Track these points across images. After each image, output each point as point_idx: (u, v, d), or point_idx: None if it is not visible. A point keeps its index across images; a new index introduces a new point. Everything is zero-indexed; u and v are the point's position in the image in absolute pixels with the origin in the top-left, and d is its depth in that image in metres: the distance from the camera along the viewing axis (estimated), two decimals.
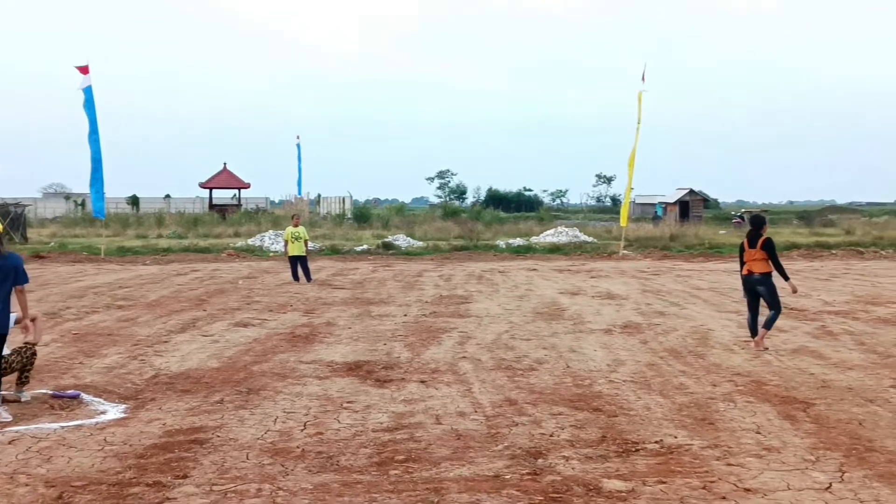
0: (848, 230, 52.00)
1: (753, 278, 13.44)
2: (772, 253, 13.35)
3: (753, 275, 13.43)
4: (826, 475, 7.14)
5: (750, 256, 13.41)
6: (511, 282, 25.32)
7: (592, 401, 9.88)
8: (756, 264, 13.38)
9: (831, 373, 11.47)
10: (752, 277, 13.46)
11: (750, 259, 13.41)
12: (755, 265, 13.39)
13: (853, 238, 45.53)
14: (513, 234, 47.78)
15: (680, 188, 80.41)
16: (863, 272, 29.36)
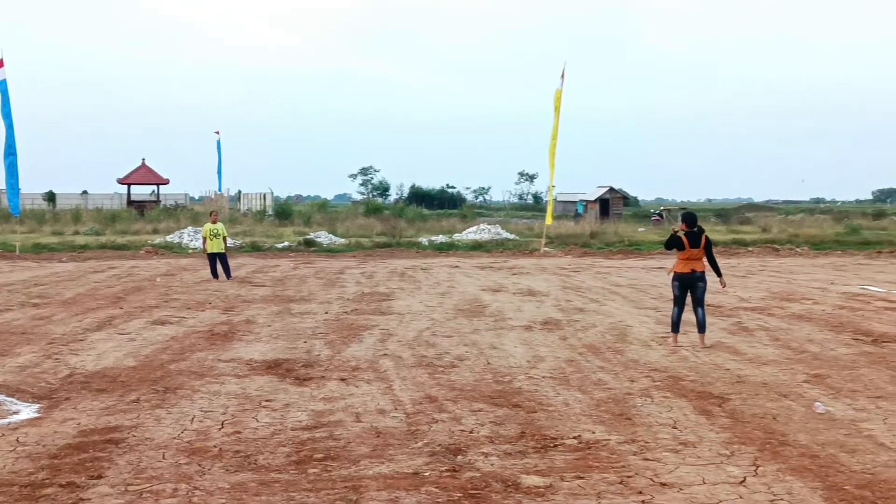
0: (764, 228, 52.95)
1: (696, 276, 13.53)
2: (711, 251, 13.61)
3: (696, 273, 13.53)
4: (740, 469, 7.26)
5: (694, 255, 13.47)
6: (433, 279, 25.35)
7: (512, 397, 9.93)
8: (699, 263, 13.51)
9: (746, 368, 11.67)
10: (695, 275, 13.53)
11: (694, 258, 13.48)
12: (698, 264, 13.52)
13: (769, 236, 46.32)
14: (435, 232, 47.81)
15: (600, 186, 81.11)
16: (778, 269, 29.92)
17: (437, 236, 44.30)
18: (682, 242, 13.46)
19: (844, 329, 15.13)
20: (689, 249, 13.43)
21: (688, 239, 13.45)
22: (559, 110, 37.31)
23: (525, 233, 48.14)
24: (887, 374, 11.20)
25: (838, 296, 20.76)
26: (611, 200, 77.51)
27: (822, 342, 13.79)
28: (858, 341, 13.86)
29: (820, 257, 36.62)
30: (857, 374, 11.28)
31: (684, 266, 13.51)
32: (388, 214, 62.13)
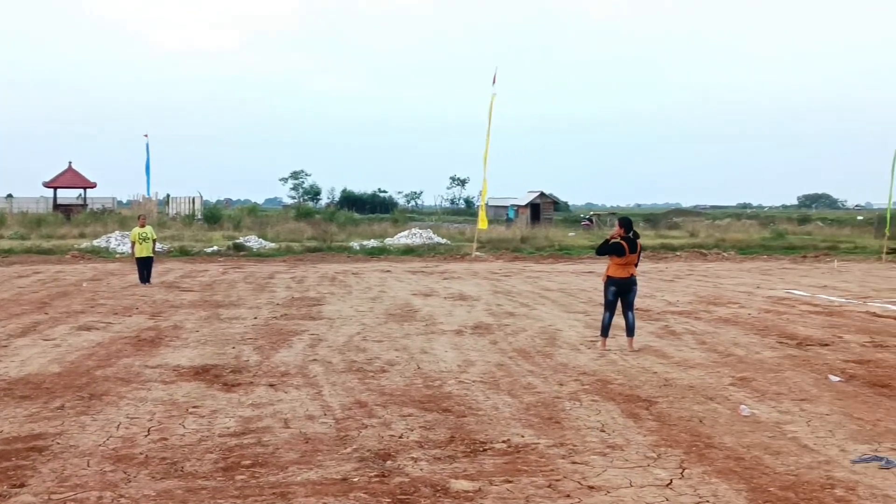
0: (692, 232, 53.74)
1: (632, 280, 13.65)
2: (639, 256, 13.74)
3: (633, 277, 13.65)
4: (667, 472, 7.33)
5: (630, 260, 13.53)
6: (364, 283, 25.28)
7: (442, 401, 9.93)
8: (633, 268, 13.62)
9: (674, 371, 11.79)
10: (631, 280, 13.63)
11: (630, 262, 13.55)
12: (633, 269, 13.64)
13: (697, 240, 47.01)
14: (367, 236, 47.70)
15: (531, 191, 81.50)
16: (705, 273, 30.33)
17: (369, 241, 44.20)
18: (622, 248, 13.46)
19: (770, 332, 15.36)
20: (629, 255, 13.46)
21: (626, 243, 13.48)
22: (492, 115, 37.47)
23: (457, 237, 48.27)
24: (811, 377, 11.39)
25: (764, 300, 21.10)
26: (541, 205, 77.94)
27: (748, 345, 13.98)
28: (783, 345, 14.08)
29: (746, 262, 37.23)
30: (781, 376, 11.45)
31: (622, 271, 13.56)
32: (319, 219, 61.85)
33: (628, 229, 13.58)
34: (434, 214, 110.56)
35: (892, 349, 13.58)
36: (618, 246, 13.47)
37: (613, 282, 13.60)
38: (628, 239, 13.49)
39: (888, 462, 7.54)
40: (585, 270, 31.47)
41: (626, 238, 13.48)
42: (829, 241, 47.33)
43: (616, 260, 13.51)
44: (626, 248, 13.43)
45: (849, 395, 10.33)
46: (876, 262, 36.77)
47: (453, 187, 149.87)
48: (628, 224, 13.73)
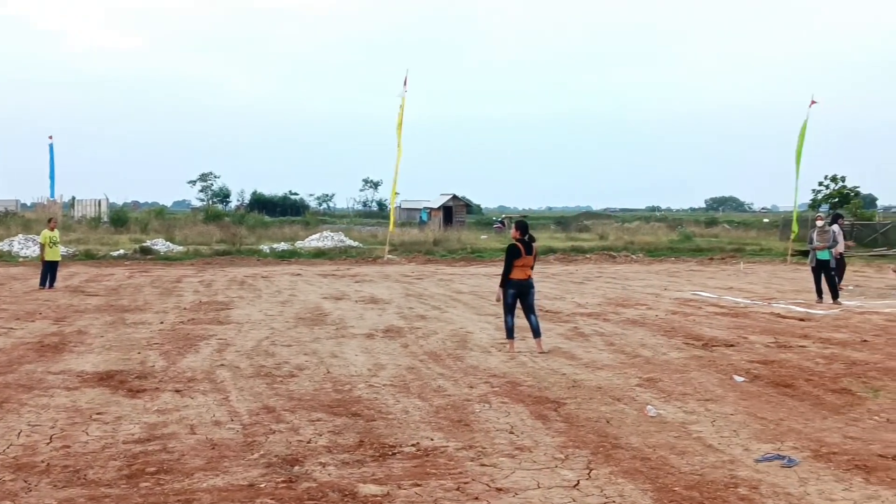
0: (602, 235, 54.31)
1: (530, 282, 13.80)
2: (535, 258, 13.87)
3: (530, 279, 13.81)
4: (574, 473, 7.37)
5: (527, 262, 13.68)
6: (274, 287, 25.08)
7: (352, 406, 9.87)
8: (530, 270, 13.78)
9: (582, 373, 11.88)
10: (529, 282, 13.78)
11: (527, 264, 13.69)
12: (530, 270, 13.79)
13: (606, 243, 47.50)
14: (277, 239, 47.34)
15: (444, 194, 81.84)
16: (614, 275, 30.69)
17: (279, 244, 43.86)
18: (518, 250, 13.58)
19: (676, 334, 15.58)
20: (525, 256, 13.61)
21: (522, 245, 13.61)
22: (402, 117, 37.41)
23: (369, 240, 48.12)
24: (716, 378, 11.57)
25: (671, 301, 21.40)
26: (454, 208, 78.32)
27: (655, 347, 14.16)
28: (689, 345, 14.28)
29: (655, 264, 37.79)
30: (687, 377, 11.61)
31: (520, 273, 13.65)
32: (228, 221, 61.13)
33: (524, 232, 13.72)
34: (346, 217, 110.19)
35: (795, 349, 13.85)
36: (514, 248, 13.60)
37: (512, 284, 13.70)
38: (524, 241, 13.63)
39: (790, 461, 7.68)
40: (497, 273, 31.52)
41: (521, 241, 13.62)
42: (736, 244, 48.18)
43: (515, 262, 13.62)
44: (522, 249, 13.58)
45: (753, 395, 10.51)
46: (781, 263, 37.55)
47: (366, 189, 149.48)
48: (524, 227, 13.88)
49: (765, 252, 43.77)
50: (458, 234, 50.43)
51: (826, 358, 13.04)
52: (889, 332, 15.83)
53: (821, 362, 12.68)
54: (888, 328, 16.34)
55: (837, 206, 56.51)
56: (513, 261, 13.60)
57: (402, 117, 37.42)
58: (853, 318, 17.89)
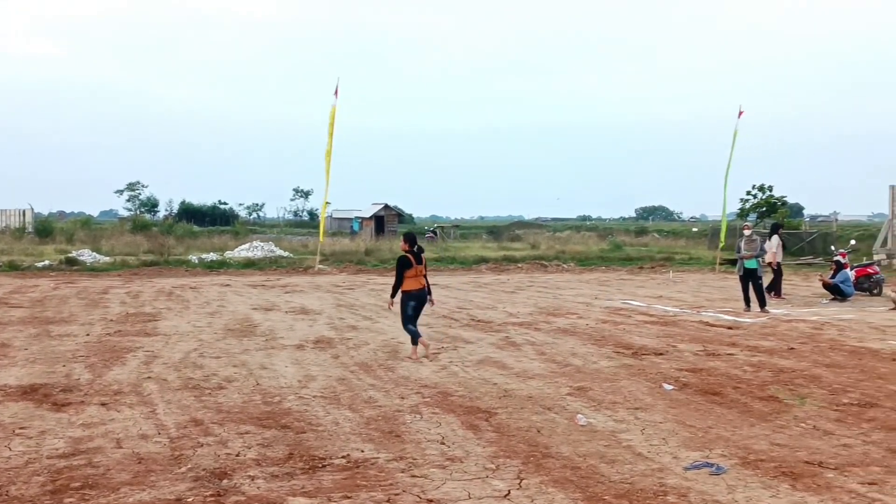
0: (533, 244, 54.55)
1: (425, 292, 14.44)
2: (425, 268, 14.62)
3: (425, 289, 14.40)
4: (505, 483, 7.35)
5: (420, 272, 14.33)
6: (203, 298, 24.80)
7: (281, 418, 9.77)
8: (423, 279, 14.39)
9: (513, 382, 11.89)
10: (424, 291, 14.41)
11: (420, 274, 14.34)
12: (423, 280, 14.40)
13: (538, 252, 47.74)
14: (206, 249, 46.81)
15: (375, 203, 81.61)
16: (546, 284, 30.84)
17: (208, 254, 43.40)
18: (410, 261, 14.21)
19: (606, 342, 15.67)
20: (416, 266, 14.25)
21: (412, 256, 14.26)
22: (333, 126, 37.21)
23: (300, 250, 47.83)
24: (645, 386, 11.65)
25: (601, 310, 21.55)
26: (386, 217, 78.16)
27: (586, 356, 14.22)
28: (619, 354, 14.37)
29: (585, 273, 38.07)
30: (617, 386, 11.68)
31: (416, 283, 14.31)
32: (156, 231, 60.40)
33: (412, 244, 14.43)
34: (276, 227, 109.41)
35: (723, 357, 14.01)
36: (405, 260, 14.20)
37: (411, 296, 14.27)
38: (413, 252, 14.30)
39: (718, 468, 7.75)
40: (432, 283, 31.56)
41: (411, 252, 14.28)
42: (665, 253, 48.72)
43: (407, 273, 14.20)
44: (412, 260, 14.20)
45: (682, 403, 10.60)
46: (710, 272, 37.99)
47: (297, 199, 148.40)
48: (412, 239, 14.63)
49: (694, 261, 44.28)
50: (389, 244, 50.29)
51: (753, 366, 13.20)
52: (815, 339, 16.08)
53: (748, 370, 12.84)
54: (814, 336, 16.59)
55: (765, 215, 57.36)
56: (404, 272, 14.21)
57: (332, 126, 37.22)
58: (780, 327, 18.15)
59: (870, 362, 13.53)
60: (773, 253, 25.41)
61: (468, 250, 49.39)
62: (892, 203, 44.57)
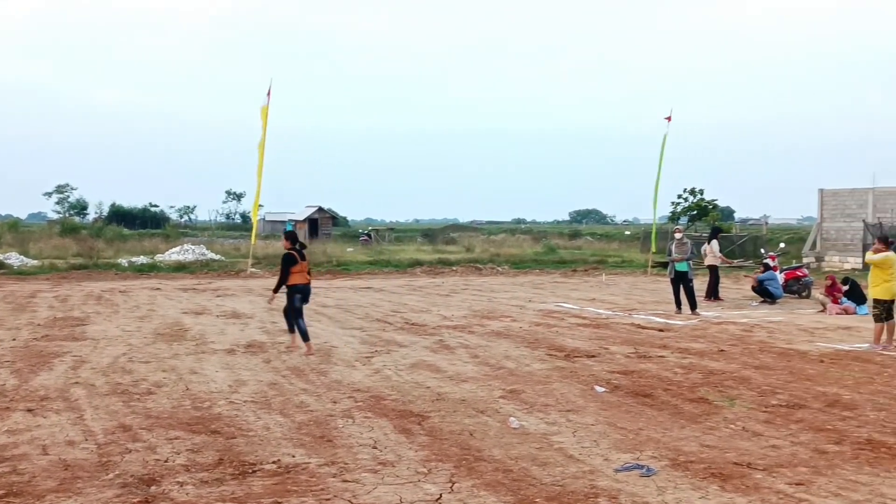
0: (468, 247, 54.60)
1: (309, 287, 15.32)
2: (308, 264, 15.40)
3: (310, 283, 15.27)
4: (437, 486, 7.33)
5: (304, 268, 15.11)
6: (133, 302, 24.49)
7: (211, 423, 9.66)
8: (308, 275, 15.26)
9: (447, 385, 11.88)
10: (308, 286, 15.25)
11: (304, 269, 15.12)
12: (307, 275, 15.23)
13: (473, 255, 47.79)
14: (136, 252, 46.20)
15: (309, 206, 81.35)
16: (480, 288, 30.91)
17: (138, 257, 42.86)
18: (295, 258, 14.94)
19: (540, 345, 15.73)
20: (301, 263, 15.00)
21: (297, 252, 15.01)
22: (266, 128, 36.86)
23: (231, 253, 47.42)
24: (577, 388, 11.70)
25: (535, 313, 21.63)
26: (320, 220, 78.02)
27: (519, 358, 14.26)
28: (552, 357, 14.43)
29: (520, 276, 38.21)
30: (550, 388, 11.72)
31: (302, 277, 15.06)
32: (85, 234, 59.55)
33: (294, 241, 15.16)
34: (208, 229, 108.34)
35: (654, 360, 14.13)
36: (290, 256, 14.91)
37: (298, 289, 14.99)
38: (296, 250, 15.02)
39: (648, 470, 7.80)
40: (363, 286, 31.55)
41: (294, 249, 14.99)
42: (598, 256, 49.06)
43: (294, 269, 14.87)
44: (297, 257, 14.94)
45: (613, 405, 10.66)
46: (642, 275, 38.34)
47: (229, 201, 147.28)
48: (293, 237, 15.36)
49: (626, 264, 44.67)
50: (323, 247, 50.08)
51: (684, 368, 13.34)
52: (745, 341, 16.30)
53: (679, 372, 12.97)
54: (744, 338, 16.82)
55: (696, 218, 58.05)
56: (290, 268, 14.89)
57: (265, 128, 36.87)
58: (711, 329, 18.37)
59: (798, 364, 13.74)
60: (720, 256, 25.93)
61: (403, 253, 49.35)
62: (820, 207, 45.47)
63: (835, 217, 44.64)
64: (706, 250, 26.58)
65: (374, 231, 78.23)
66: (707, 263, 26.24)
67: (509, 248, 54.29)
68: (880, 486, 7.39)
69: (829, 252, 43.76)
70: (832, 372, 13.01)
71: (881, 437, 9.04)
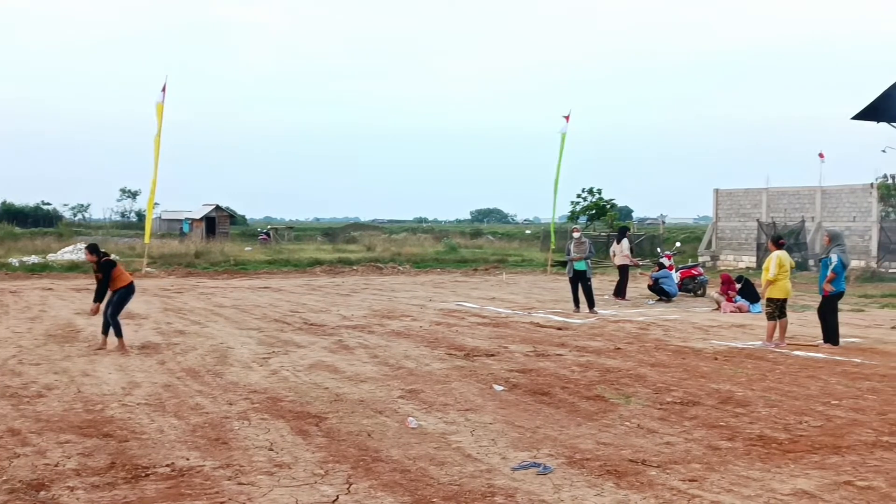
0: (369, 247, 54.43)
1: (133, 286, 15.74)
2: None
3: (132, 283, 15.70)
4: (334, 488, 7.27)
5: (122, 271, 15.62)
6: (23, 302, 23.91)
7: (103, 426, 9.45)
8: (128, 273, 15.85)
9: (345, 386, 11.80)
10: (132, 286, 15.72)
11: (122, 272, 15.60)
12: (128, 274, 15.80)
13: (374, 254, 47.67)
14: (28, 252, 45.03)
15: (206, 204, 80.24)
16: (381, 287, 30.87)
17: (30, 257, 41.79)
18: (115, 263, 15.62)
19: (439, 344, 15.75)
20: (118, 268, 15.58)
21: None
22: (161, 124, 36.30)
23: (126, 252, 46.47)
24: (476, 388, 11.73)
25: (435, 312, 21.67)
26: (217, 219, 76.93)
27: (418, 358, 14.25)
28: (452, 356, 14.45)
29: (421, 275, 38.27)
30: (449, 387, 11.73)
31: (127, 277, 15.63)
32: None
33: (94, 251, 15.54)
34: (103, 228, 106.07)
35: (552, 358, 14.25)
36: (112, 262, 15.57)
37: (131, 289, 15.67)
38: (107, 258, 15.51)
39: (545, 468, 7.84)
40: (261, 286, 31.23)
41: (105, 258, 15.45)
42: (499, 255, 49.35)
43: (116, 272, 15.34)
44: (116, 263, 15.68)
45: (511, 404, 10.71)
46: (542, 274, 38.72)
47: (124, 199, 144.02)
48: (95, 249, 15.71)
49: (526, 263, 45.03)
50: (221, 246, 49.46)
51: (581, 366, 13.47)
52: (641, 339, 16.54)
53: (576, 370, 13.09)
54: (640, 336, 17.07)
55: (595, 217, 58.64)
56: (113, 271, 15.34)
57: (161, 124, 36.30)
58: (608, 327, 18.61)
59: (693, 361, 13.99)
60: (627, 255, 26.30)
61: (302, 252, 48.96)
62: (716, 206, 46.48)
63: (730, 217, 45.73)
64: (615, 250, 26.97)
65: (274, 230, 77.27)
66: (617, 263, 26.62)
67: (410, 247, 54.24)
68: (771, 481, 7.54)
69: (724, 251, 44.84)
70: (726, 369, 13.27)
71: (773, 434, 9.24)
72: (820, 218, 40.69)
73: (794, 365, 13.71)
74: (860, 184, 39.95)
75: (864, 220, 38.95)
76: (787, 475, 7.72)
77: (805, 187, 42.85)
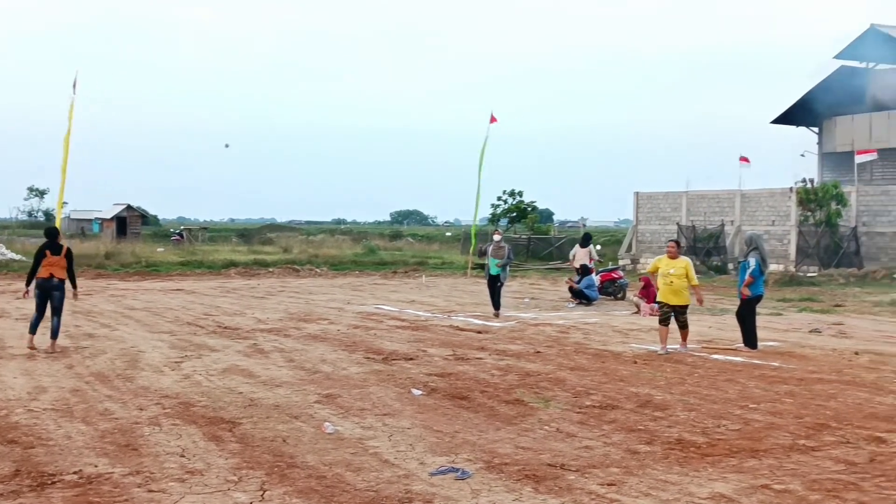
0: (286, 248, 53.82)
1: (54, 283, 15.07)
2: (72, 262, 15.43)
3: (55, 279, 15.06)
4: (247, 495, 7.11)
5: (54, 262, 15.06)
6: None
7: (8, 432, 9.12)
8: (59, 270, 15.09)
9: (260, 391, 11.57)
10: (52, 282, 15.05)
11: (54, 265, 15.06)
12: (58, 270, 15.09)
13: (290, 256, 47.11)
14: None
15: (117, 203, 78.95)
16: (298, 289, 30.56)
17: None
18: (45, 253, 15.06)
19: (357, 348, 15.57)
20: (50, 256, 15.02)
21: (48, 248, 15.07)
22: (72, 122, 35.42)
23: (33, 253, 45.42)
24: (394, 392, 11.59)
25: (353, 315, 21.48)
26: (129, 219, 75.79)
27: (336, 362, 14.07)
28: (370, 360, 14.29)
29: (339, 277, 37.98)
30: (366, 392, 11.57)
31: (45, 272, 14.99)
32: None
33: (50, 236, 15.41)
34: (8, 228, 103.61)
35: (472, 361, 14.17)
36: (40, 251, 15.21)
37: (38, 283, 15.11)
38: (50, 245, 15.15)
39: (463, 473, 7.74)
40: (174, 288, 30.69)
41: (49, 245, 15.14)
42: (419, 257, 49.15)
43: (43, 262, 15.04)
44: (48, 252, 15.07)
45: (430, 408, 10.60)
46: (462, 276, 38.65)
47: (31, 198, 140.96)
48: (52, 233, 15.59)
49: (447, 265, 44.96)
50: (132, 247, 48.55)
51: (501, 369, 13.41)
52: (561, 343, 16.54)
53: (496, 374, 13.02)
54: (560, 339, 17.08)
55: (515, 220, 58.75)
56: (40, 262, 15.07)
57: (71, 122, 35.41)
58: (528, 330, 18.60)
59: (612, 365, 14.01)
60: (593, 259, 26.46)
61: (217, 254, 48.19)
62: (636, 209, 46.97)
63: (650, 220, 46.26)
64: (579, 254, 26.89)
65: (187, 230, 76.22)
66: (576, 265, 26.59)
67: (328, 248, 53.80)
68: (689, 485, 7.53)
69: (644, 254, 45.25)
70: (645, 373, 13.31)
71: (691, 437, 9.26)
72: (739, 222, 41.33)
73: (712, 368, 13.80)
74: (779, 188, 40.68)
75: (783, 224, 39.66)
76: (705, 479, 7.73)
77: (725, 191, 43.49)
